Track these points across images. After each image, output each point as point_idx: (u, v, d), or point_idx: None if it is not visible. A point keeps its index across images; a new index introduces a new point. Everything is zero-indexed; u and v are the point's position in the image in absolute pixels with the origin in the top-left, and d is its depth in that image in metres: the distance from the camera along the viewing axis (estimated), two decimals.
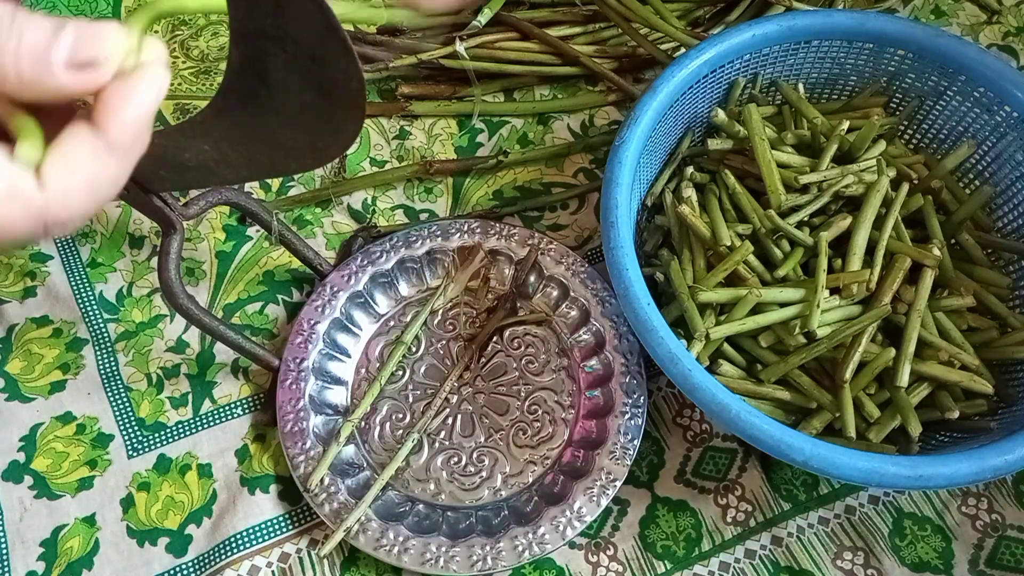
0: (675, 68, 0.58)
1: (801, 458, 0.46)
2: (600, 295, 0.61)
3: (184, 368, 0.63)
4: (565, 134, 0.73)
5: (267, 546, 0.56)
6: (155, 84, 0.27)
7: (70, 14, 0.79)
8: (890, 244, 0.55)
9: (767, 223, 0.56)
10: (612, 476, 0.55)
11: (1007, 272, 0.60)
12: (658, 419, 0.61)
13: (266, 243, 0.68)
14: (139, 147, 0.28)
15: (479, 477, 0.57)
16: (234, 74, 0.36)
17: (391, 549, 0.53)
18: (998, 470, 0.46)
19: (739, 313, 0.53)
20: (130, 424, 0.60)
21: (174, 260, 0.51)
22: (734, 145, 0.61)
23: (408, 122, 0.74)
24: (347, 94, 0.35)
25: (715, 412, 0.47)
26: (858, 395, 0.53)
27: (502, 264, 0.64)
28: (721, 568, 0.56)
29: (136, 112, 0.27)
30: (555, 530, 0.53)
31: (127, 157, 0.27)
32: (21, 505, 0.57)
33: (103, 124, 0.26)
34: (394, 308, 0.64)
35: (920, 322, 0.53)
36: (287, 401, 0.58)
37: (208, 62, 0.77)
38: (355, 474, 0.57)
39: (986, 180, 0.61)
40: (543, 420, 0.59)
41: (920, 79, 0.62)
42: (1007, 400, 0.55)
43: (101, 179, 0.27)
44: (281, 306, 0.65)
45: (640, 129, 0.56)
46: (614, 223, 0.53)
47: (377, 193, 0.70)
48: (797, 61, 0.63)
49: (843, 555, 0.56)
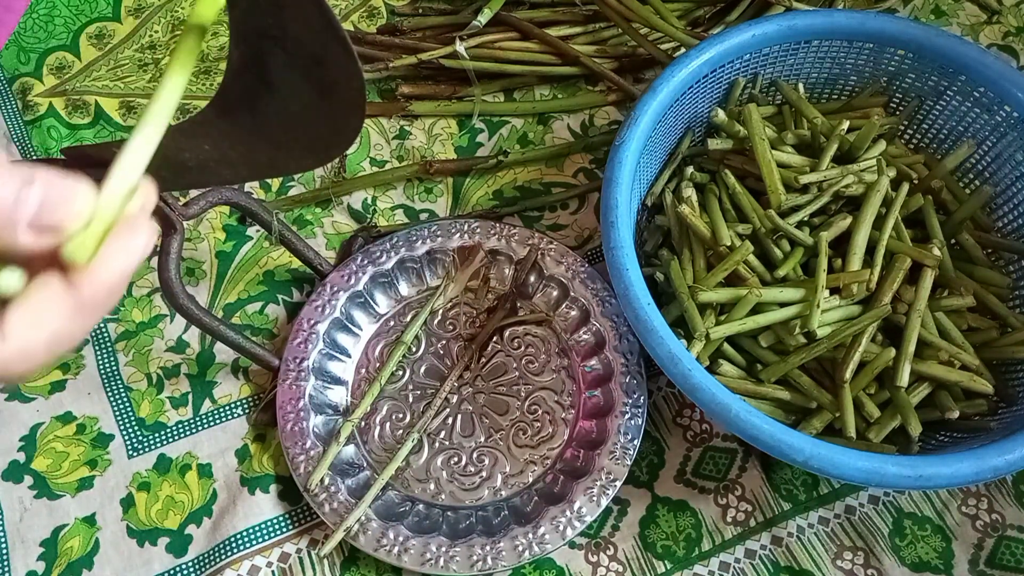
0: (675, 68, 0.58)
1: (801, 458, 0.46)
2: (600, 295, 0.61)
3: (184, 368, 0.63)
4: (565, 134, 0.73)
5: (267, 546, 0.56)
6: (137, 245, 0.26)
7: (69, 13, 0.79)
8: (890, 244, 0.55)
9: (767, 223, 0.56)
10: (612, 476, 0.55)
11: (1007, 272, 0.60)
12: (658, 419, 0.61)
13: (266, 243, 0.68)
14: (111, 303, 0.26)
15: (479, 477, 0.57)
16: (234, 74, 0.36)
17: (391, 549, 0.53)
18: (998, 470, 0.46)
19: (739, 313, 0.53)
20: (130, 424, 0.60)
21: (174, 260, 0.51)
22: (734, 145, 0.61)
23: (408, 122, 0.74)
24: (347, 94, 0.35)
25: (715, 412, 0.47)
26: (858, 395, 0.53)
27: (502, 264, 0.64)
28: (721, 568, 0.56)
29: (112, 275, 0.26)
30: (555, 530, 0.54)
31: (96, 314, 0.26)
32: (21, 505, 0.57)
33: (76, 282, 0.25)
34: (394, 308, 0.64)
35: (920, 322, 0.53)
36: (287, 401, 0.58)
37: (208, 62, 0.77)
38: (355, 474, 0.57)
39: (986, 180, 0.61)
40: (543, 420, 0.59)
41: (920, 79, 0.62)
42: (1007, 400, 0.55)
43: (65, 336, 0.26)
44: (281, 306, 0.65)
45: (640, 129, 0.56)
46: (614, 223, 0.53)
47: (377, 193, 0.70)
48: (797, 61, 0.63)
49: (843, 555, 0.56)
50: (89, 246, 0.25)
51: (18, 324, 0.25)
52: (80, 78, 0.76)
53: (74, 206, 0.25)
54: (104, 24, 0.79)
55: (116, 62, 0.77)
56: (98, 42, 0.78)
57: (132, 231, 0.26)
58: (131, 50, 0.78)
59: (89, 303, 0.25)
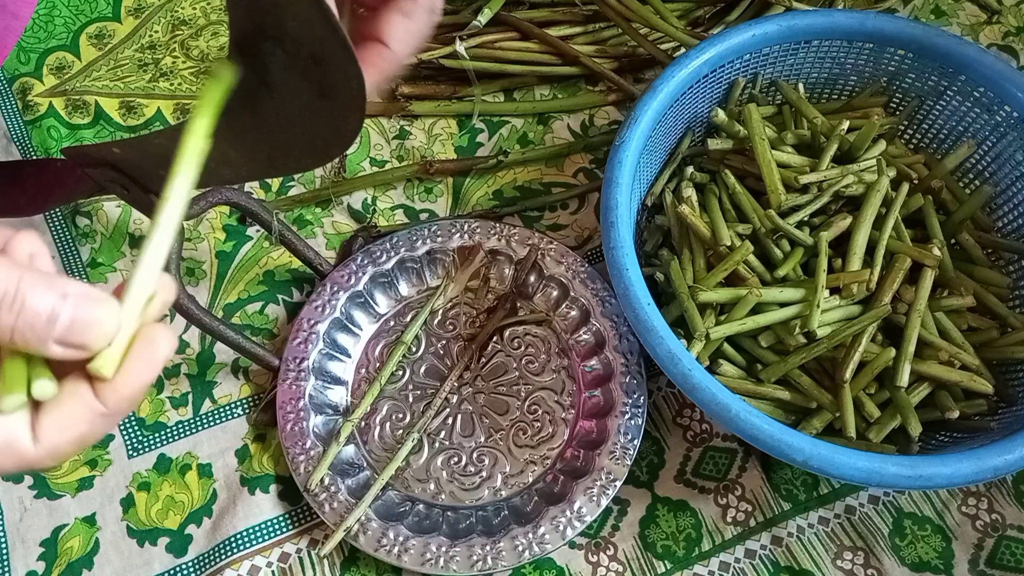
0: (675, 68, 0.58)
1: (801, 458, 0.46)
2: (600, 295, 0.61)
3: (184, 368, 0.63)
4: (565, 134, 0.73)
5: (267, 546, 0.56)
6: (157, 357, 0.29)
7: (69, 13, 0.79)
8: (890, 244, 0.55)
9: (767, 223, 0.56)
10: (612, 476, 0.55)
11: (1007, 272, 0.60)
12: (658, 419, 0.61)
13: (266, 243, 0.68)
14: (133, 408, 0.30)
15: (479, 477, 0.57)
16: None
17: (391, 549, 0.53)
18: (998, 470, 0.46)
19: (739, 313, 0.53)
20: (130, 424, 0.60)
21: (174, 260, 0.51)
22: (734, 145, 0.61)
23: (408, 122, 0.74)
24: (347, 94, 0.35)
25: (715, 412, 0.47)
26: (858, 395, 0.53)
27: (502, 264, 0.64)
28: (721, 568, 0.56)
29: (135, 387, 0.28)
30: (555, 530, 0.54)
31: (118, 419, 0.29)
32: (21, 505, 0.57)
33: (101, 394, 0.28)
34: (394, 308, 0.64)
35: (920, 322, 0.53)
36: (287, 401, 0.58)
37: (208, 62, 0.77)
38: (355, 474, 0.57)
39: (986, 180, 0.61)
40: (543, 420, 0.59)
41: (920, 79, 0.62)
42: (1007, 400, 0.55)
43: (90, 437, 0.29)
44: (281, 306, 0.65)
45: (640, 129, 0.56)
46: (614, 223, 0.53)
47: (377, 193, 0.70)
48: (797, 61, 0.63)
49: (843, 555, 0.56)
50: (113, 360, 0.28)
51: (50, 429, 0.28)
52: (80, 78, 0.76)
53: (101, 328, 0.28)
54: (104, 24, 0.79)
55: (116, 62, 0.77)
56: (98, 42, 0.78)
57: (152, 344, 0.29)
58: (131, 50, 0.78)
59: (112, 411, 0.28)
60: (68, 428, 0.28)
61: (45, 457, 0.28)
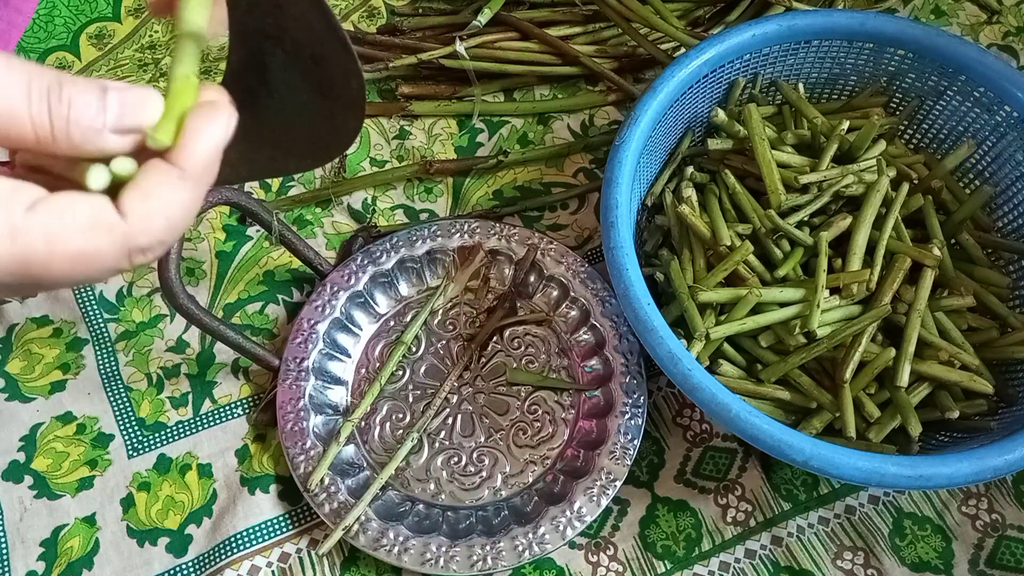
0: (675, 68, 0.58)
1: (801, 458, 0.46)
2: (600, 295, 0.61)
3: (184, 368, 0.63)
4: (565, 134, 0.73)
5: (267, 546, 0.56)
6: (223, 121, 0.29)
7: (69, 13, 0.79)
8: (890, 244, 0.55)
9: (767, 223, 0.56)
10: (612, 476, 0.55)
11: (1007, 272, 0.60)
12: (658, 419, 0.61)
13: (266, 243, 0.68)
14: (210, 177, 0.29)
15: (479, 477, 0.57)
16: (234, 74, 0.36)
17: (391, 549, 0.53)
18: (998, 470, 0.46)
19: (739, 313, 0.53)
20: (130, 424, 0.60)
21: (174, 260, 0.51)
22: (734, 145, 0.61)
23: (408, 122, 0.74)
24: (347, 94, 0.35)
25: (715, 412, 0.47)
26: (858, 395, 0.53)
27: (502, 264, 0.64)
28: (721, 568, 0.56)
29: (206, 146, 0.28)
30: (555, 530, 0.53)
31: (199, 186, 0.29)
32: (21, 505, 0.57)
33: (175, 158, 0.28)
34: (394, 308, 0.64)
35: (920, 322, 0.53)
36: (287, 401, 0.58)
37: (208, 62, 0.77)
38: (355, 474, 0.57)
39: (986, 180, 0.61)
40: (543, 420, 0.59)
41: (920, 79, 0.62)
42: (1007, 400, 0.55)
43: (176, 206, 0.28)
44: (281, 306, 0.65)
45: (640, 129, 0.56)
46: (614, 223, 0.53)
47: (377, 193, 0.70)
48: (797, 61, 0.63)
49: (843, 555, 0.56)
50: (170, 129, 0.28)
51: (132, 199, 0.27)
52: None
53: (149, 106, 0.28)
54: (104, 24, 0.79)
55: (116, 62, 0.77)
56: (98, 42, 0.78)
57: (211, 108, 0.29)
58: (131, 50, 0.78)
59: (190, 173, 0.28)
60: (149, 194, 0.28)
61: (137, 231, 0.27)
